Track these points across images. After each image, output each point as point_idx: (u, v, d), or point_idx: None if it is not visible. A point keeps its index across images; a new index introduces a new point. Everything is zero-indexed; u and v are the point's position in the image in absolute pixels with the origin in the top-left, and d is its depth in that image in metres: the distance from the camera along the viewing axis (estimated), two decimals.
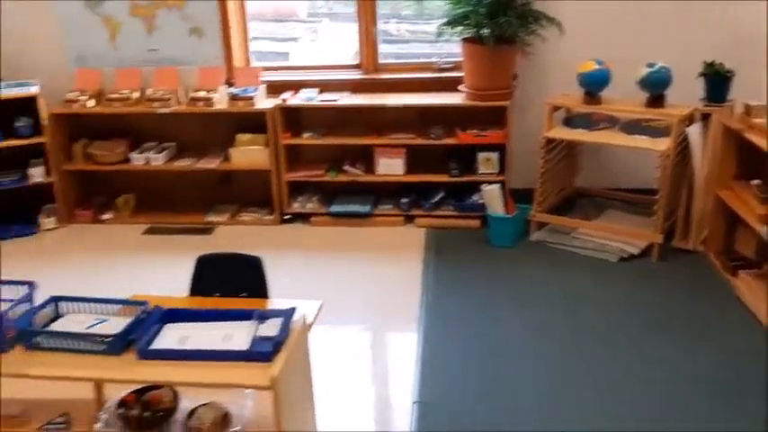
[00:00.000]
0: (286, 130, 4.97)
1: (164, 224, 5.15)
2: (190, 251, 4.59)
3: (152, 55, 5.13)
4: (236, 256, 2.88)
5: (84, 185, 5.28)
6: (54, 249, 4.87)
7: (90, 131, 5.19)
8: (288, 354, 2.00)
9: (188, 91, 5.03)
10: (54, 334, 2.03)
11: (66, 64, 5.15)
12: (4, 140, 4.89)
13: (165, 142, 5.26)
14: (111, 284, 4.27)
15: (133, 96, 5.01)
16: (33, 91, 4.88)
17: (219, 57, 5.13)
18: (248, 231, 5.05)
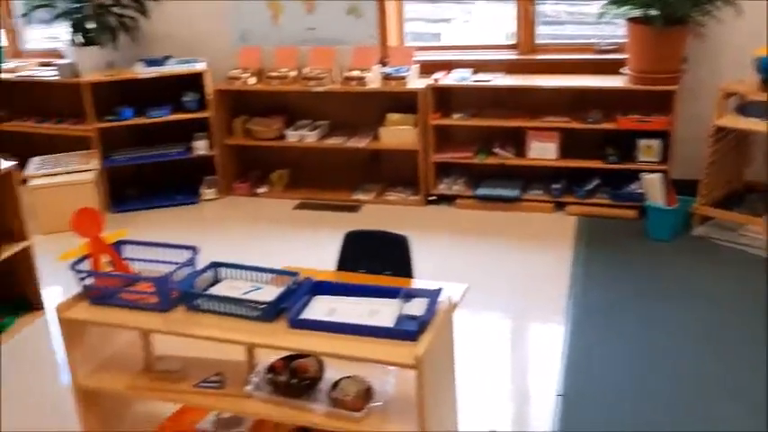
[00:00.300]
0: (436, 111, 4.94)
1: (313, 200, 5.30)
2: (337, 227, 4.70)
3: (310, 34, 5.26)
4: (382, 234, 2.89)
5: (242, 159, 5.53)
6: (213, 219, 5.14)
7: (250, 108, 5.42)
8: (433, 334, 1.97)
9: (342, 70, 5.11)
10: (213, 297, 2.12)
11: (231, 42, 5.40)
12: (173, 114, 5.21)
13: (318, 120, 5.39)
14: (263, 255, 4.44)
15: (290, 75, 5.16)
16: (200, 68, 5.15)
17: (375, 36, 5.17)
18: (393, 211, 5.08)
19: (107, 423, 2.37)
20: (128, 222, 5.07)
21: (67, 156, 5.28)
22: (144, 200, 5.35)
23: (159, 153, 5.30)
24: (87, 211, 2.24)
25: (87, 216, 2.23)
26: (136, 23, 5.35)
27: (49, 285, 4.09)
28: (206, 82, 5.16)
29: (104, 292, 2.18)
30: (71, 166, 5.08)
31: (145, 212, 5.24)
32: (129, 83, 5.17)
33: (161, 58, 5.23)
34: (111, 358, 2.33)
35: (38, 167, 5.08)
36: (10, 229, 3.69)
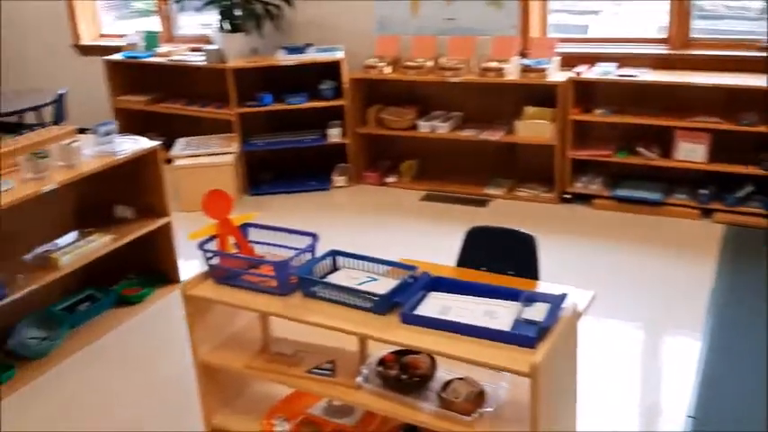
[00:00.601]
0: (576, 105, 4.72)
1: (441, 192, 5.23)
2: (463, 222, 4.63)
3: (449, 24, 5.19)
4: (508, 232, 2.78)
5: (373, 148, 5.55)
6: (341, 206, 5.20)
7: (384, 97, 5.43)
8: (553, 343, 1.85)
9: (480, 61, 5.00)
10: (329, 285, 2.11)
11: (369, 31, 5.42)
12: (309, 101, 5.31)
13: (451, 111, 5.31)
14: (386, 245, 4.45)
15: (427, 65, 5.11)
16: (338, 56, 5.21)
17: (515, 27, 5.02)
18: (524, 207, 4.92)
19: (225, 399, 2.44)
20: (262, 205, 5.24)
21: (210, 138, 5.52)
22: (278, 184, 5.50)
23: (295, 139, 5.42)
24: (218, 194, 2.29)
25: (217, 198, 2.28)
26: (280, 12, 5.49)
27: (187, 260, 4.29)
28: (343, 70, 5.21)
29: (228, 272, 2.24)
30: (212, 149, 5.31)
31: (278, 196, 5.39)
32: (271, 69, 5.32)
33: (302, 46, 5.35)
34: (232, 337, 2.39)
35: (182, 148, 5.35)
36: (152, 205, 3.90)
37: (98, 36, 6.80)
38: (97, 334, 3.62)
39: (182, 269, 4.07)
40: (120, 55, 6.11)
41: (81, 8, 6.66)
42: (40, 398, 3.16)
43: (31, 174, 3.26)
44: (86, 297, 3.81)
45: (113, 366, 3.39)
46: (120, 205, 3.89)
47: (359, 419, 2.28)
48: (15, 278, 3.22)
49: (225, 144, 5.39)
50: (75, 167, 3.44)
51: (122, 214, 3.87)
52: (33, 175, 3.27)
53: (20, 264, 3.37)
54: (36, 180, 3.26)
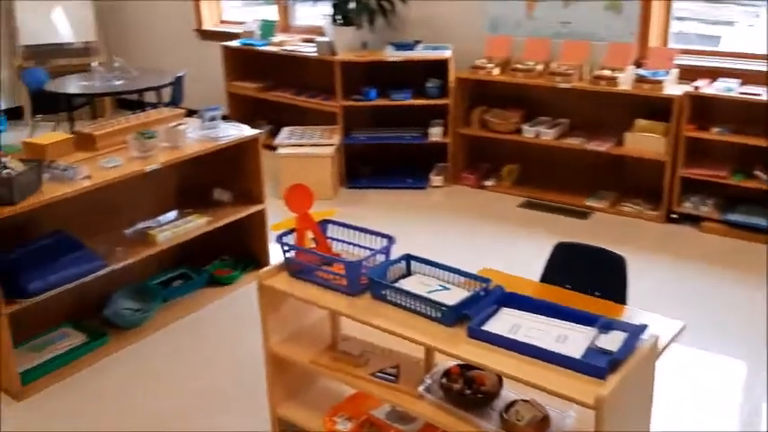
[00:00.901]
0: (691, 121, 4.46)
1: (541, 200, 5.09)
2: (560, 233, 4.49)
3: (563, 28, 5.02)
4: (597, 251, 2.65)
5: (474, 150, 5.47)
6: (436, 207, 5.15)
7: (489, 98, 5.32)
8: (625, 375, 1.74)
9: (593, 68, 4.81)
10: (399, 291, 2.08)
11: (480, 31, 5.33)
12: (413, 99, 5.29)
13: (558, 118, 5.15)
14: (475, 250, 4.38)
15: (537, 68, 4.97)
16: (446, 55, 5.15)
17: (634, 34, 4.79)
18: (627, 224, 4.71)
19: (291, 391, 2.46)
20: (358, 199, 5.28)
21: (314, 129, 5.61)
22: (376, 179, 5.52)
23: (396, 135, 5.42)
24: (300, 188, 2.31)
25: (299, 192, 2.30)
26: (393, 7, 5.49)
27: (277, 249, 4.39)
28: (450, 69, 5.15)
29: (302, 266, 2.25)
30: (315, 139, 5.39)
31: (375, 191, 5.40)
32: (378, 64, 5.33)
33: (411, 43, 5.33)
34: (303, 330, 2.41)
35: (287, 137, 5.46)
36: (249, 191, 4.00)
37: (219, 22, 7.05)
38: (187, 310, 3.76)
39: (272, 255, 4.16)
40: (237, 42, 6.31)
41: None
42: (128, 365, 3.32)
43: (137, 152, 3.42)
44: (180, 275, 3.96)
45: (198, 342, 3.51)
46: (219, 188, 4.02)
47: (420, 428, 2.24)
48: (115, 251, 3.38)
49: (327, 135, 5.46)
50: (179, 149, 3.58)
51: (220, 197, 3.99)
52: (139, 154, 3.42)
53: (121, 237, 3.55)
54: (141, 159, 3.41)
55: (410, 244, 2.32)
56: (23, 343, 3.30)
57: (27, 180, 2.94)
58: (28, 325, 3.32)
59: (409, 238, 4.52)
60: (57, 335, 3.42)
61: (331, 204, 5.15)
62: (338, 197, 5.34)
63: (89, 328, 3.47)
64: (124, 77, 6.27)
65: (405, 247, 2.72)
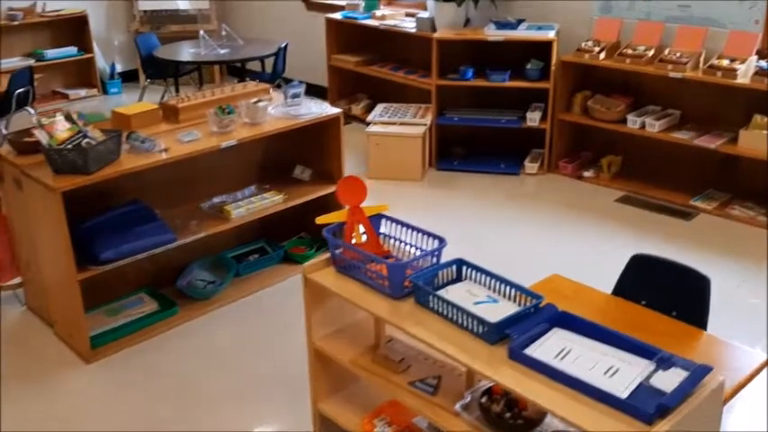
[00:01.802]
0: None
1: (641, 195, 4.75)
2: (660, 235, 4.20)
3: (682, 11, 4.61)
4: (678, 268, 2.40)
5: (574, 137, 5.17)
6: (527, 195, 4.92)
7: (594, 84, 5.00)
8: (677, 422, 1.55)
9: (710, 56, 4.41)
10: (443, 300, 1.95)
11: (591, 12, 5.00)
12: (512, 81, 5.05)
13: (668, 108, 4.77)
14: (557, 246, 4.14)
15: (648, 54, 4.61)
16: (550, 36, 4.87)
17: (760, 22, 4.33)
18: (735, 229, 4.32)
19: (334, 387, 2.40)
20: (447, 182, 5.13)
21: (409, 107, 5.48)
22: (468, 162, 5.34)
23: (492, 118, 5.20)
24: (352, 180, 2.21)
25: (352, 184, 2.21)
26: None
27: None
28: (553, 51, 4.87)
29: (347, 263, 2.16)
30: (407, 118, 5.26)
31: (466, 174, 5.23)
32: (477, 43, 5.12)
33: (514, 22, 5.07)
34: (347, 327, 2.33)
35: (379, 114, 5.36)
36: (329, 170, 3.94)
37: None
38: (259, 285, 3.78)
39: None
40: (339, 14, 6.24)
41: None
42: (193, 339, 3.37)
43: (216, 127, 3.43)
44: (257, 249, 3.99)
45: (263, 321, 3.52)
46: (300, 166, 3.99)
47: None
48: (189, 224, 3.42)
49: (421, 114, 5.32)
50: (259, 126, 3.56)
51: (300, 175, 3.96)
52: (218, 129, 3.42)
53: (198, 210, 3.59)
54: (219, 134, 3.41)
55: (491, 235, 2.16)
56: (101, 305, 3.42)
57: (105, 150, 3.01)
58: (107, 288, 3.44)
59: (492, 227, 4.40)
60: (133, 300, 3.52)
61: (418, 186, 5.05)
62: (427, 179, 5.21)
63: (163, 296, 3.54)
64: (230, 46, 6.38)
65: (484, 237, 2.56)
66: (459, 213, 4.63)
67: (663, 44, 4.64)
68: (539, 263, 3.91)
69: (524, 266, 3.81)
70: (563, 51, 4.98)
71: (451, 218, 4.57)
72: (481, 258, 2.07)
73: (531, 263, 3.92)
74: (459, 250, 2.16)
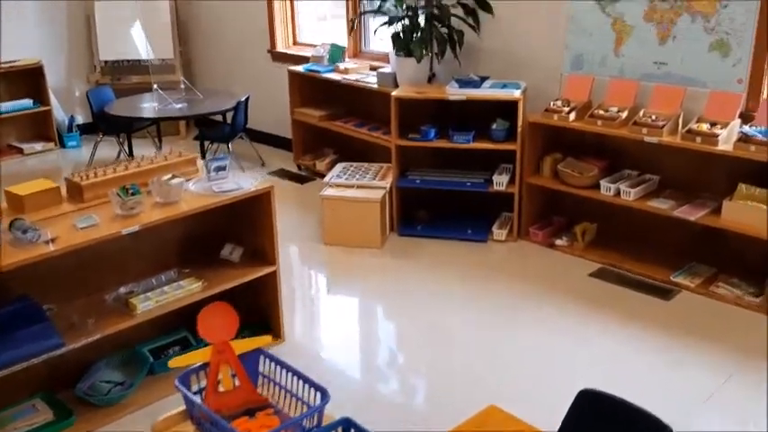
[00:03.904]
0: None
1: (618, 268, 4.32)
2: (636, 319, 3.76)
3: (658, 69, 4.23)
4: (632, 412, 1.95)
5: (545, 202, 4.76)
6: (494, 268, 4.48)
7: (565, 145, 4.61)
8: None
9: (689, 119, 4.01)
10: None
11: (561, 66, 4.62)
12: (477, 142, 4.65)
13: (646, 173, 4.36)
14: (519, 334, 3.68)
15: (621, 115, 4.21)
16: (515, 95, 4.48)
17: (743, 82, 3.94)
18: (720, 310, 3.88)
19: None
20: (409, 250, 4.72)
21: (369, 166, 5.10)
22: (433, 226, 4.92)
23: (456, 181, 4.79)
24: (220, 309, 1.79)
25: (219, 314, 1.78)
26: (462, 38, 4.86)
27: (299, 310, 3.90)
28: (519, 111, 4.48)
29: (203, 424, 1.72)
30: (366, 179, 4.87)
31: (430, 241, 4.81)
32: (441, 100, 4.73)
33: (477, 79, 4.68)
34: None
35: (338, 175, 4.96)
36: (263, 249, 3.53)
37: (293, 43, 6.67)
38: None
39: (287, 326, 3.68)
40: (302, 67, 5.90)
41: (281, 14, 6.54)
42: None
43: (119, 210, 3.02)
44: (179, 340, 3.55)
45: None
46: (229, 244, 3.57)
47: None
48: (86, 323, 2.99)
49: (382, 175, 4.93)
50: (174, 206, 3.15)
51: (229, 255, 3.54)
52: (121, 212, 3.02)
53: (101, 303, 3.16)
54: (124, 218, 3.00)
55: (446, 319, 1.74)
56: None
57: None
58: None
59: (449, 308, 3.95)
60: (25, 408, 3.08)
61: (377, 255, 4.64)
62: (387, 245, 4.79)
63: (61, 403, 3.10)
64: (188, 100, 6.05)
65: (437, 323, 2.09)
66: (416, 289, 4.20)
67: (638, 104, 4.25)
68: (493, 362, 3.48)
69: (477, 368, 3.38)
70: (532, 110, 4.60)
71: (406, 294, 4.14)
72: (429, 355, 1.64)
73: (486, 361, 3.49)
74: (407, 340, 1.72)
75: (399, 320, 4.01)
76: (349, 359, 3.62)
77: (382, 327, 4.01)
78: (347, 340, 3.81)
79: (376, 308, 4.17)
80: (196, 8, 7.24)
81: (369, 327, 3.99)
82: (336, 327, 3.95)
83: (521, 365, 3.44)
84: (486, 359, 3.51)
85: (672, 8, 4.08)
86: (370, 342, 3.83)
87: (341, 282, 4.42)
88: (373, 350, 3.75)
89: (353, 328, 3.94)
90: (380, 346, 3.80)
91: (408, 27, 4.90)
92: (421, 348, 3.62)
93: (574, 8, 4.47)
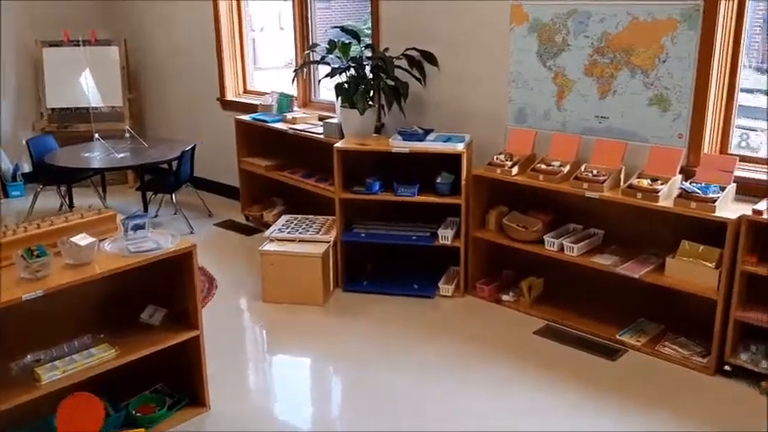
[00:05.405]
0: (752, 253, 3.50)
1: (564, 326, 4.19)
2: (576, 383, 3.61)
3: (599, 123, 4.18)
4: None
5: (492, 256, 4.64)
6: (439, 325, 4.32)
7: (511, 199, 4.52)
8: None
9: (631, 173, 3.95)
10: None
11: (506, 119, 4.56)
12: (421, 195, 4.55)
13: (591, 227, 4.28)
14: (457, 399, 3.52)
15: (563, 170, 4.14)
16: (459, 148, 4.39)
17: (683, 137, 3.89)
18: (667, 371, 3.75)
19: None
20: (353, 307, 4.56)
21: (314, 218, 4.97)
22: (379, 281, 4.78)
23: (402, 235, 4.67)
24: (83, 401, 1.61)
25: (82, 407, 1.60)
26: (407, 90, 4.80)
27: (226, 376, 3.69)
28: (463, 165, 4.39)
29: None
30: (310, 232, 4.73)
31: (376, 297, 4.65)
32: (386, 153, 4.63)
33: (421, 132, 4.59)
34: None
35: (281, 228, 4.82)
36: (186, 311, 3.35)
37: (243, 92, 6.58)
38: None
39: (213, 392, 3.47)
40: (249, 116, 5.80)
41: (229, 61, 6.46)
42: None
43: (24, 273, 2.84)
44: None
45: None
46: (151, 306, 3.39)
47: None
48: None
49: (327, 228, 4.79)
50: (85, 268, 2.97)
51: (149, 319, 3.36)
52: (27, 276, 2.84)
53: (6, 372, 2.95)
54: (27, 281, 2.82)
55: (384, 387, 1.58)
56: None
57: None
58: None
59: (388, 373, 3.75)
60: None
61: (319, 313, 4.48)
62: (331, 302, 4.63)
63: None
64: (132, 149, 5.91)
65: (372, 394, 1.89)
66: (359, 349, 4.04)
67: (580, 158, 4.18)
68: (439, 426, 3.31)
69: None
70: (479, 162, 4.51)
71: (348, 355, 3.97)
72: (373, 424, 1.46)
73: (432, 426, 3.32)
74: (349, 406, 1.56)
75: (340, 384, 3.85)
76: (281, 430, 3.41)
77: (321, 391, 3.82)
78: (281, 408, 3.61)
79: (315, 371, 3.99)
80: (148, 56, 7.14)
81: (306, 392, 3.79)
82: (270, 393, 3.77)
83: (466, 429, 3.28)
84: (432, 424, 3.34)
85: (612, 62, 4.05)
86: (306, 408, 3.62)
87: (278, 343, 4.24)
88: (310, 418, 3.54)
89: (289, 394, 3.74)
90: (318, 413, 3.59)
91: (353, 78, 4.83)
92: (363, 416, 3.42)
93: (516, 61, 4.43)
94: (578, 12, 4.10)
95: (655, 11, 3.82)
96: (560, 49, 4.21)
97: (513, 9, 4.37)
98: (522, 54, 4.38)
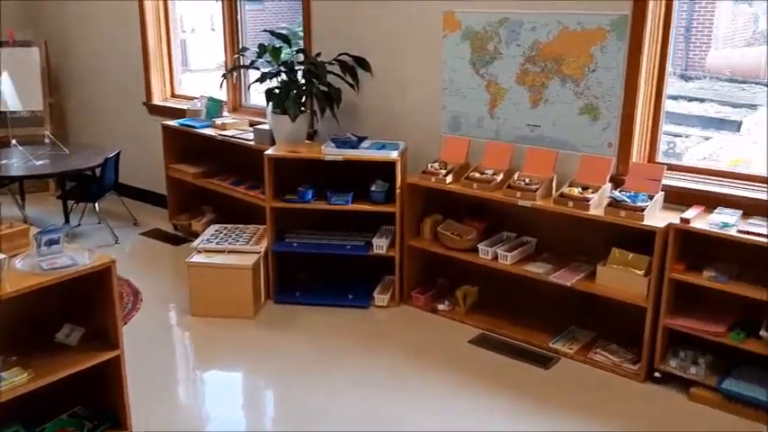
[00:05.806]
0: (680, 261, 3.55)
1: (499, 335, 4.18)
2: (509, 393, 3.58)
3: (531, 131, 4.18)
4: None
5: (427, 265, 4.60)
6: (369, 337, 4.25)
7: (445, 207, 4.48)
8: None
9: (562, 182, 3.96)
10: None
11: (440, 127, 4.53)
12: (355, 203, 4.47)
13: (525, 235, 4.28)
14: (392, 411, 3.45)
15: (496, 178, 4.12)
16: (393, 156, 4.33)
17: (614, 145, 3.93)
18: (598, 379, 3.77)
19: None
20: (284, 319, 4.44)
21: (244, 228, 4.83)
22: (313, 292, 4.67)
23: (335, 244, 4.58)
24: None
25: None
26: (340, 96, 4.71)
27: (149, 397, 3.52)
28: (397, 173, 4.33)
29: None
30: (240, 242, 4.58)
31: (309, 309, 4.54)
32: (319, 160, 4.53)
33: (355, 139, 4.51)
34: None
35: (209, 239, 4.66)
36: (105, 330, 3.17)
37: (171, 96, 6.37)
38: None
39: (135, 413, 3.29)
40: (176, 122, 5.60)
41: (156, 63, 6.24)
42: None
43: None
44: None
45: None
46: (68, 325, 3.20)
47: None
48: None
49: (258, 237, 4.66)
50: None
51: (65, 339, 3.16)
52: None
53: None
54: None
55: (315, 402, 1.46)
56: None
57: None
58: None
59: (320, 389, 3.63)
60: None
61: (249, 326, 4.35)
62: (262, 315, 4.50)
63: None
64: (52, 156, 5.64)
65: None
66: (291, 364, 3.92)
67: (513, 167, 4.18)
68: None
69: None
70: (414, 170, 4.47)
71: (280, 371, 3.86)
72: None
73: None
74: (281, 425, 1.44)
75: (272, 401, 3.73)
76: None
77: (253, 410, 3.69)
78: (211, 429, 3.46)
79: (246, 388, 3.86)
80: (71, 57, 6.84)
81: (237, 410, 3.65)
82: (199, 413, 3.61)
83: None
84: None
85: (543, 71, 4.06)
86: (239, 428, 3.49)
87: (207, 359, 4.08)
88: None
89: (219, 414, 3.60)
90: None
91: (284, 83, 4.71)
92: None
93: (450, 69, 4.40)
94: (510, 20, 4.09)
95: (584, 20, 3.85)
96: (492, 57, 4.20)
97: (445, 16, 4.34)
98: (456, 62, 4.36)
